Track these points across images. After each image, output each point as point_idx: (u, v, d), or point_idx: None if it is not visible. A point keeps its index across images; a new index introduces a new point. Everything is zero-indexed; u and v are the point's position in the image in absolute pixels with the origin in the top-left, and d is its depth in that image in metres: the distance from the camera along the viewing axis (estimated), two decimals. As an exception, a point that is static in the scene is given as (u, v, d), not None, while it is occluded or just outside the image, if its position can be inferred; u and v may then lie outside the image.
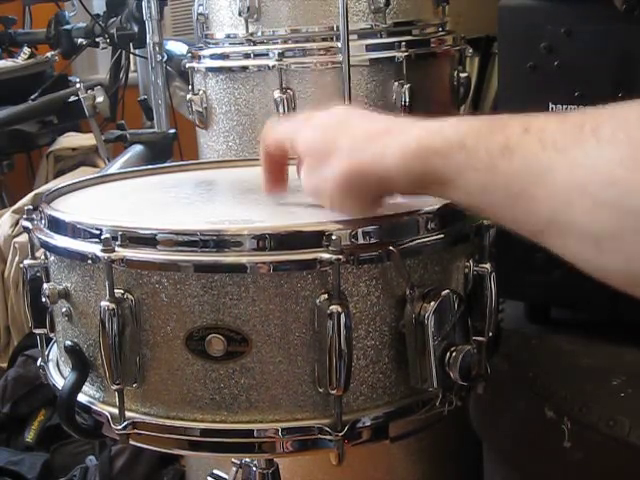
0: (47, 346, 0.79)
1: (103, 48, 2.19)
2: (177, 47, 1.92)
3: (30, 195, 2.06)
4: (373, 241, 0.64)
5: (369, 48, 1.18)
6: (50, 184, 2.22)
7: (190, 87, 1.27)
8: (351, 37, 1.14)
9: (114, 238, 0.64)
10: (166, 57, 1.78)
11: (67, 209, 0.75)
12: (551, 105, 1.04)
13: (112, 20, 2.12)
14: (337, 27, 1.14)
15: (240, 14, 1.18)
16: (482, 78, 1.74)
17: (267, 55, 1.18)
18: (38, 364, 0.79)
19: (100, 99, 2.00)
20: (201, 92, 1.25)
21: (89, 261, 0.66)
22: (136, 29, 2.04)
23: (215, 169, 1.01)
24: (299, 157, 0.70)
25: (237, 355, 0.63)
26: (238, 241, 0.62)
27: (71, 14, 2.43)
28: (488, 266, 0.70)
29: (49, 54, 2.43)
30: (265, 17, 1.18)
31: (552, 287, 1.07)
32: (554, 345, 1.08)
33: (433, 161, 0.57)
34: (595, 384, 0.96)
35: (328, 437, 0.64)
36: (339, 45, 1.14)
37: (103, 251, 0.63)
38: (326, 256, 0.61)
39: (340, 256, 0.60)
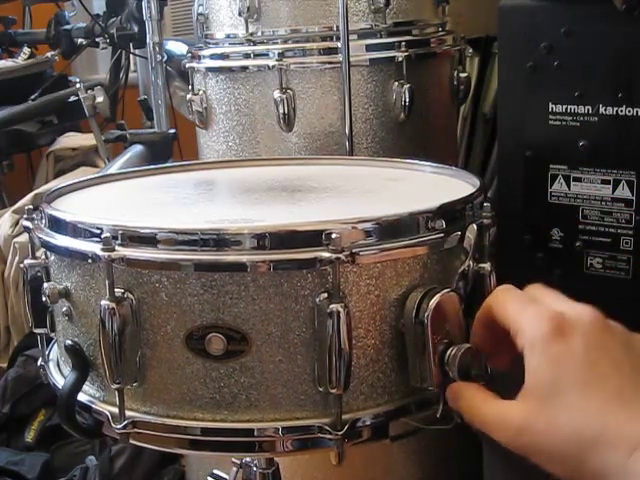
0: (47, 346, 0.79)
1: (103, 48, 2.19)
2: (177, 47, 1.92)
3: (30, 195, 2.06)
4: (373, 240, 0.64)
5: (369, 48, 1.18)
6: (50, 184, 2.23)
7: (190, 87, 1.27)
8: (351, 37, 1.14)
9: (114, 237, 0.64)
10: (166, 57, 1.79)
11: (67, 209, 0.75)
12: (551, 105, 1.04)
13: (112, 20, 2.13)
14: (337, 27, 1.15)
15: (240, 14, 1.18)
16: (482, 78, 1.74)
17: (267, 55, 1.18)
18: (38, 364, 0.79)
19: (100, 99, 2.00)
20: (201, 92, 1.25)
21: (89, 260, 0.66)
22: (136, 29, 2.04)
23: (215, 169, 1.01)
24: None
25: (237, 354, 0.63)
26: (238, 240, 0.62)
27: (71, 14, 2.43)
28: (488, 266, 0.70)
29: (49, 54, 2.44)
30: (265, 17, 1.19)
31: (552, 287, 1.07)
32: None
33: None
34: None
35: (328, 436, 0.64)
36: (339, 45, 1.14)
37: (103, 250, 0.63)
38: (326, 255, 0.61)
39: (340, 255, 0.60)
